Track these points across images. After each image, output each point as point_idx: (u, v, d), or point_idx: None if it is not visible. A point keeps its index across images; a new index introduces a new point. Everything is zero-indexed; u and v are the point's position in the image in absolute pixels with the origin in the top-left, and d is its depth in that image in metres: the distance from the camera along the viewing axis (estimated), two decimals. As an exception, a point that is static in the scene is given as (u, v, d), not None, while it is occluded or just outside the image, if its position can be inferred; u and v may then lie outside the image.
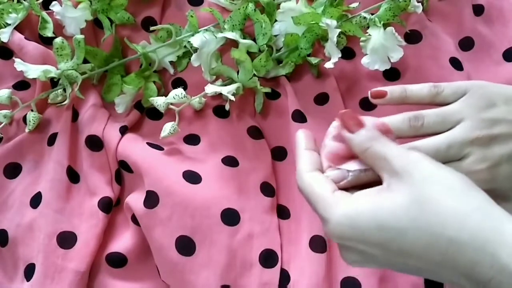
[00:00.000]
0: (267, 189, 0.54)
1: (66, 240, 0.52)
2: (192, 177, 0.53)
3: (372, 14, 0.57)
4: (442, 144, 0.39)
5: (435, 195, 0.32)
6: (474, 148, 0.39)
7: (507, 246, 0.30)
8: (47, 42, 0.60)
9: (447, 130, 0.40)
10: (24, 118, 0.57)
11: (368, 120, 0.39)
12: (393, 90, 0.43)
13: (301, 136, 0.41)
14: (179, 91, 0.56)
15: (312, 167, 0.39)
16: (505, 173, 0.39)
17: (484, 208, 0.32)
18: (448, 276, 0.33)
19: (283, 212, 0.54)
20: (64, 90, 0.57)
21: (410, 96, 0.42)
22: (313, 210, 0.38)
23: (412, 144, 0.39)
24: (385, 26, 0.55)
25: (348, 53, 0.61)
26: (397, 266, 0.35)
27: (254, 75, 0.56)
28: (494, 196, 0.34)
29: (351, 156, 0.39)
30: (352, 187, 0.39)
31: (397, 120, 0.41)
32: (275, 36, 0.59)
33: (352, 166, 0.39)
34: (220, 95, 0.55)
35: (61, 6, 0.59)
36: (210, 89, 0.55)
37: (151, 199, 0.51)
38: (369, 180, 0.39)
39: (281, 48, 0.59)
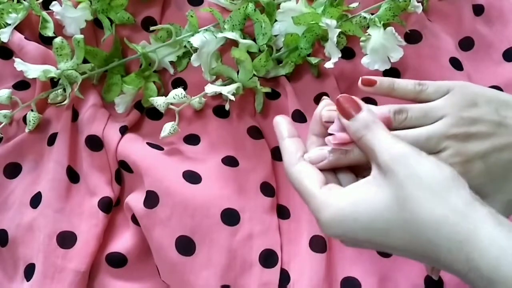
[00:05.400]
0: (267, 189, 0.54)
1: (66, 240, 0.52)
2: (192, 177, 0.53)
3: (372, 14, 0.57)
4: (422, 136, 0.40)
5: (415, 197, 0.33)
6: (451, 142, 0.40)
7: (479, 249, 0.31)
8: (47, 42, 0.60)
9: (428, 125, 0.41)
10: (24, 118, 0.57)
11: (367, 106, 0.39)
12: (382, 80, 0.44)
13: (282, 124, 0.41)
14: (179, 91, 0.56)
15: (297, 158, 0.39)
16: (478, 170, 0.40)
17: (462, 209, 0.33)
18: (432, 264, 0.36)
19: (283, 212, 0.54)
20: (64, 90, 0.57)
21: (397, 89, 0.43)
22: (304, 202, 0.38)
23: (393, 134, 0.40)
24: (385, 26, 0.55)
25: (348, 53, 0.61)
26: (386, 251, 0.37)
27: (254, 75, 0.56)
28: None
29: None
30: (337, 168, 0.40)
31: (382, 111, 0.41)
32: (275, 36, 0.59)
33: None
34: (220, 95, 0.55)
35: (61, 6, 0.59)
36: (210, 89, 0.55)
37: (151, 199, 0.51)
38: (350, 162, 0.39)
39: (281, 48, 0.59)
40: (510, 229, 0.32)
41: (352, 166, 0.40)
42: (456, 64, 0.59)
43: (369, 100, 0.58)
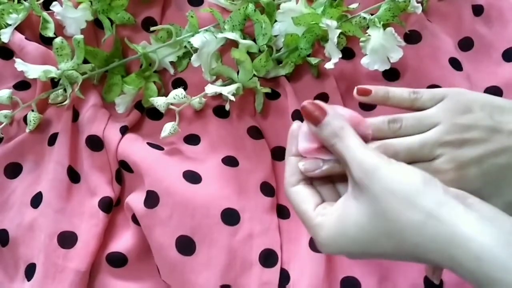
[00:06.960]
0: (267, 189, 0.54)
1: (67, 240, 0.52)
2: (192, 177, 0.53)
3: (372, 15, 0.57)
4: (415, 144, 0.40)
5: (391, 208, 0.34)
6: (445, 149, 0.40)
7: (461, 248, 0.32)
8: (47, 42, 0.60)
9: (423, 133, 0.41)
10: (25, 118, 0.58)
11: (333, 109, 0.39)
12: (377, 90, 0.44)
13: (294, 140, 0.41)
14: (179, 91, 0.56)
15: (296, 179, 0.40)
16: (473, 175, 0.40)
17: (437, 213, 0.33)
18: (425, 263, 0.37)
19: (283, 212, 0.54)
20: (65, 90, 0.57)
21: (392, 98, 0.44)
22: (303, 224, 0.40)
23: (387, 142, 0.41)
24: (384, 26, 0.55)
25: (348, 53, 0.61)
26: (384, 259, 0.38)
27: (254, 75, 0.57)
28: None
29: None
30: (334, 178, 0.41)
31: (377, 121, 0.42)
32: (275, 36, 0.59)
33: (327, 156, 0.40)
34: (220, 95, 0.55)
35: (61, 6, 0.59)
36: (210, 89, 0.55)
37: (151, 199, 0.51)
38: (344, 170, 0.39)
39: (281, 49, 0.59)
40: (490, 222, 0.32)
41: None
42: (455, 64, 0.59)
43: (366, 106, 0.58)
